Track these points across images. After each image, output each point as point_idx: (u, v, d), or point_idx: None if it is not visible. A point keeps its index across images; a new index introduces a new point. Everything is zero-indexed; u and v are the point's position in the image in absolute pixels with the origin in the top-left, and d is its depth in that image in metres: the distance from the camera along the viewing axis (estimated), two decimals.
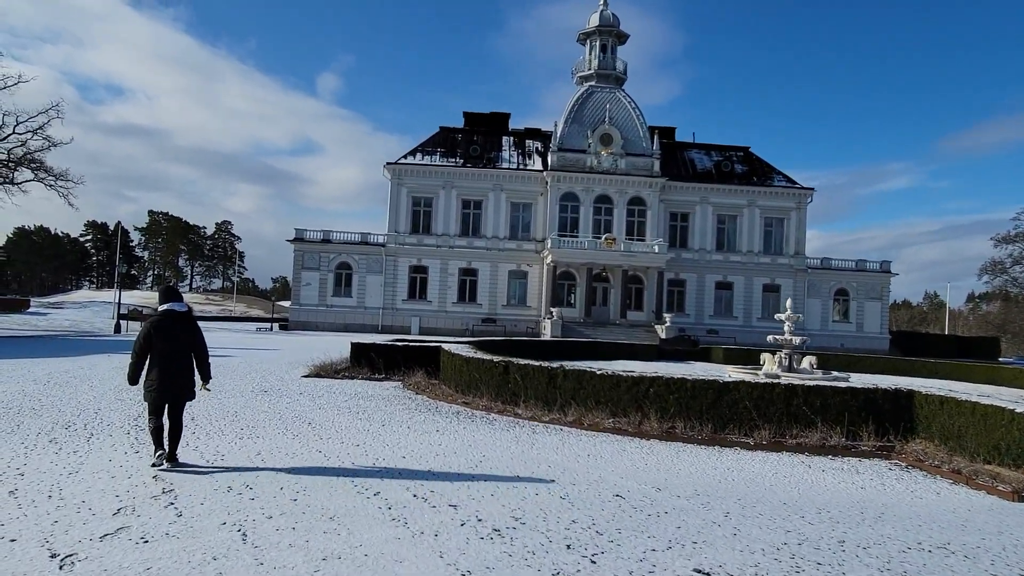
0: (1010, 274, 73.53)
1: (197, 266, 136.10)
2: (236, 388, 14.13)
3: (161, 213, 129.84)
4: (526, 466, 8.12)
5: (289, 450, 8.32)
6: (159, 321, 7.13)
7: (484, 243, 52.86)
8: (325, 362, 18.88)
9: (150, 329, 7.05)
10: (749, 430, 10.81)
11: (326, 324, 51.15)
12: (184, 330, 7.18)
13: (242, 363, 19.98)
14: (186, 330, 7.20)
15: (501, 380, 13.37)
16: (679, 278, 53.16)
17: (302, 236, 52.96)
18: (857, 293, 54.18)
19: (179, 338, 7.12)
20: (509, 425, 11.26)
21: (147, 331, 7.04)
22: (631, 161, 52.40)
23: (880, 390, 10.91)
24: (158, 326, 7.08)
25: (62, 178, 41.89)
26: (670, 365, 28.29)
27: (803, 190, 54.82)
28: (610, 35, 54.99)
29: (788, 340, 20.01)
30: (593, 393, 11.96)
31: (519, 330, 50.00)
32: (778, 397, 10.95)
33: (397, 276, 52.37)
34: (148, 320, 7.28)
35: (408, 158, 53.67)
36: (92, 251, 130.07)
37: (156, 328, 7.05)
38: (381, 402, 13.15)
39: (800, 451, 10.15)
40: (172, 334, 7.08)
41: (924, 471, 9.13)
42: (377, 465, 7.74)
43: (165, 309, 7.20)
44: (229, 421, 10.16)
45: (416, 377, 16.49)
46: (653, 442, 10.40)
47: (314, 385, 15.32)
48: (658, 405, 11.32)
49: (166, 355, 7.01)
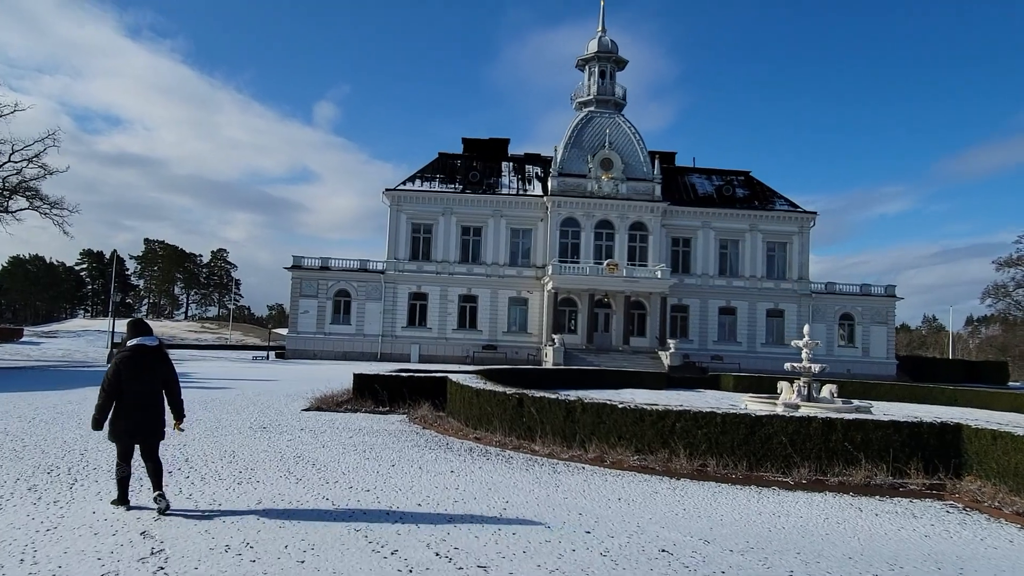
0: (1013, 297, 73.17)
1: (193, 294, 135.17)
2: (233, 424, 13.34)
3: (157, 241, 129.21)
4: (554, 513, 7.36)
5: (293, 497, 7.55)
6: (128, 358, 6.56)
7: (484, 269, 52.25)
8: (326, 394, 18.10)
9: (119, 367, 6.49)
10: (786, 467, 10.06)
11: (324, 352, 50.26)
12: (155, 366, 6.67)
13: (238, 396, 19.17)
14: (157, 366, 6.69)
15: (515, 413, 12.62)
16: (682, 303, 52.50)
17: (300, 263, 52.29)
18: (862, 318, 53.54)
19: (150, 375, 6.60)
20: (527, 463, 10.49)
21: (116, 369, 6.49)
22: (632, 186, 52.03)
23: (925, 424, 10.18)
24: (127, 363, 6.52)
25: (57, 206, 41.46)
26: (681, 393, 27.52)
27: (805, 214, 54.44)
28: (609, 61, 54.97)
29: (807, 368, 19.27)
30: (615, 428, 11.21)
31: (520, 357, 49.18)
32: (815, 432, 10.21)
33: (396, 303, 51.63)
34: (116, 357, 6.68)
35: (407, 184, 53.26)
36: (87, 280, 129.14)
37: (125, 365, 6.50)
38: (388, 438, 12.37)
39: (844, 491, 9.39)
40: (143, 371, 6.55)
41: (985, 514, 8.38)
42: (391, 513, 6.98)
43: (135, 344, 6.65)
44: (226, 462, 9.38)
45: (422, 410, 15.70)
46: (684, 482, 9.63)
47: (315, 420, 14.52)
48: (686, 441, 10.57)
49: (137, 394, 6.49)
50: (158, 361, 6.71)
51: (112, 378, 6.45)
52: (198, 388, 21.41)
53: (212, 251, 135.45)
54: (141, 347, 6.65)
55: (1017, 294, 72.14)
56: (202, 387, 21.95)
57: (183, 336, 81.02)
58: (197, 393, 19.30)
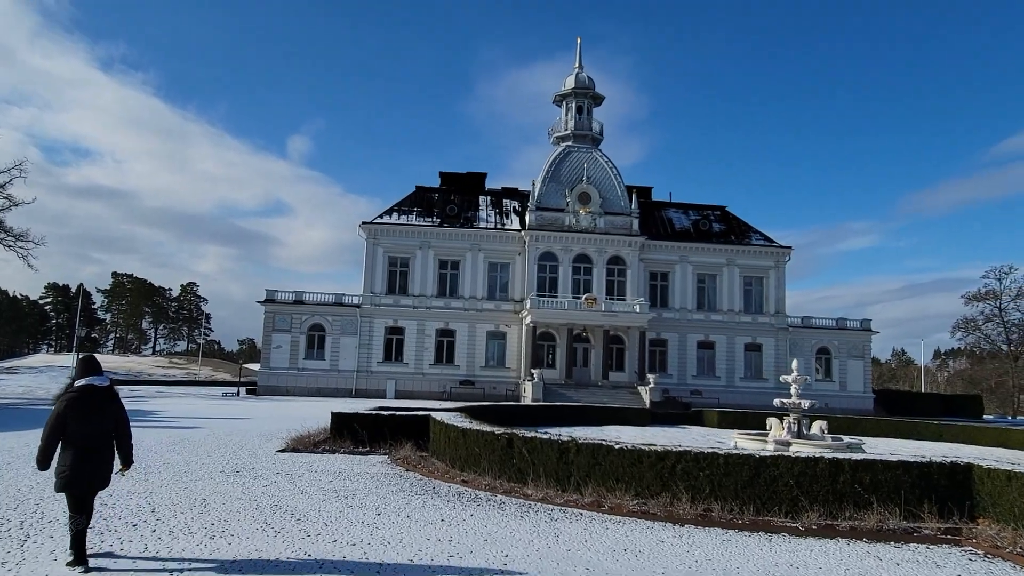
0: (983, 331, 74.37)
1: (162, 328, 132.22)
2: (204, 467, 12.52)
3: (126, 275, 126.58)
4: (559, 568, 6.78)
5: (271, 552, 6.87)
6: (76, 398, 6.02)
7: (462, 303, 51.66)
8: (302, 434, 17.28)
9: (65, 408, 5.95)
10: (794, 511, 9.57)
11: (297, 388, 49.04)
12: (105, 408, 6.16)
13: (209, 436, 18.25)
14: (107, 408, 6.18)
15: (504, 455, 12.00)
16: (660, 338, 52.30)
17: (274, 297, 51.27)
18: (839, 351, 53.75)
19: (99, 417, 6.08)
20: (521, 509, 9.87)
21: (62, 410, 5.95)
22: (610, 220, 52.08)
23: (935, 464, 9.79)
24: (75, 404, 5.98)
25: (22, 239, 40.33)
26: (666, 430, 27.03)
27: (781, 248, 54.88)
28: (586, 96, 55.43)
29: (796, 403, 18.87)
30: (612, 470, 10.64)
31: (498, 392, 48.42)
32: (822, 473, 9.76)
33: (372, 338, 50.70)
34: (64, 396, 6.14)
35: (384, 217, 52.79)
36: (52, 314, 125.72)
37: (73, 407, 5.97)
38: (370, 482, 11.65)
39: (856, 536, 8.91)
40: (91, 412, 6.04)
41: (1009, 561, 7.94)
42: (383, 569, 6.34)
43: (83, 384, 6.10)
44: (197, 512, 8.64)
45: (404, 450, 14.99)
46: (688, 528, 9.08)
47: (292, 462, 13.74)
48: (687, 483, 10.04)
49: (85, 437, 5.96)
50: (108, 402, 6.21)
51: (56, 420, 5.93)
52: (166, 428, 20.43)
53: (182, 284, 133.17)
54: (90, 387, 6.12)
55: (987, 328, 73.46)
56: (170, 426, 20.96)
57: (150, 372, 78.84)
58: (165, 433, 18.36)
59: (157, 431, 19.09)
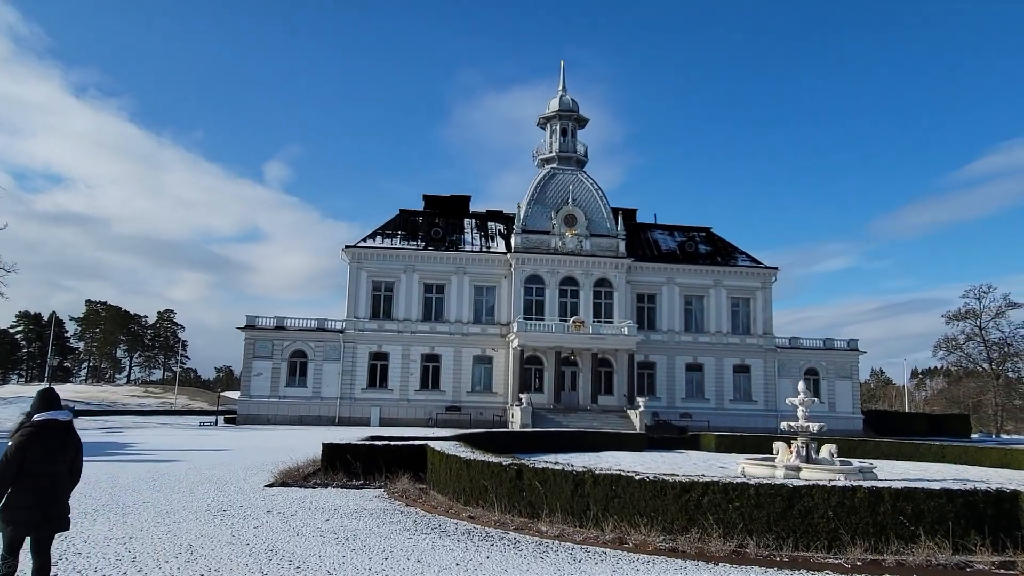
0: (964, 350, 74.80)
1: (137, 357, 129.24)
2: (187, 506, 11.56)
3: (100, 303, 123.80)
4: None
5: None
6: (35, 435, 5.44)
7: (447, 327, 50.80)
8: (291, 466, 16.33)
9: (24, 445, 5.37)
10: (834, 545, 8.88)
11: (279, 417, 47.66)
12: (65, 446, 5.64)
13: (190, 470, 17.18)
14: (68, 446, 5.66)
15: (513, 487, 11.20)
16: (649, 360, 51.74)
17: (254, 323, 50.03)
18: (827, 372, 53.51)
19: (59, 455, 5.56)
20: (539, 549, 9.06)
21: (20, 445, 5.37)
22: (596, 242, 51.69)
23: (981, 492, 9.17)
24: (35, 441, 5.42)
25: None
26: (664, 455, 26.30)
27: (767, 269, 54.80)
28: (570, 119, 55.36)
29: (805, 427, 18.30)
30: (633, 503, 9.90)
31: (485, 418, 47.44)
32: (861, 504, 9.10)
33: (356, 363, 49.56)
34: (20, 432, 5.49)
35: (368, 241, 51.95)
36: (23, 343, 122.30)
37: (32, 443, 5.40)
38: (370, 520, 10.78)
39: (905, 573, 8.24)
40: (52, 451, 5.50)
41: None
42: None
43: (44, 419, 5.54)
44: (183, 562, 7.74)
45: (401, 483, 14.13)
46: (724, 567, 8.34)
47: (283, 498, 12.81)
48: (717, 517, 9.32)
49: (44, 476, 5.43)
50: (69, 440, 5.69)
51: (12, 458, 5.32)
52: (143, 461, 19.32)
53: (158, 312, 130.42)
54: (52, 422, 5.55)
55: (968, 347, 73.91)
56: (148, 459, 19.85)
57: (125, 402, 76.62)
58: (143, 468, 17.29)
59: (134, 465, 18.00)
